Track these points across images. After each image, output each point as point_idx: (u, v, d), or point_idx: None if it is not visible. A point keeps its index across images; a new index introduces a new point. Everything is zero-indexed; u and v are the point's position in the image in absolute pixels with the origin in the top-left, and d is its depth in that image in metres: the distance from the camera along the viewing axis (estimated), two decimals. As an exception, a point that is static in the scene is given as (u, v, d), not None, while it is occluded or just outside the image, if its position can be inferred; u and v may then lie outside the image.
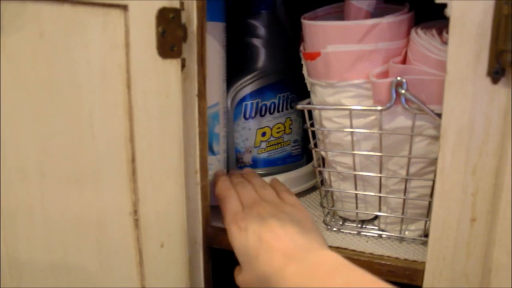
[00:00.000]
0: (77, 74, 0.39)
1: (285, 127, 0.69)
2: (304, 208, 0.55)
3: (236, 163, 0.67)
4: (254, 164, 0.68)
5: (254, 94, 0.65)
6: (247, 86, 0.65)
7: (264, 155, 0.68)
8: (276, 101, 0.67)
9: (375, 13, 0.52)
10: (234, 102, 0.64)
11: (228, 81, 0.64)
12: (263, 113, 0.66)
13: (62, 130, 0.39)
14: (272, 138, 0.68)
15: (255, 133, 0.66)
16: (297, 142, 0.71)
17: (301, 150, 0.72)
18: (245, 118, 0.66)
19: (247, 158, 0.67)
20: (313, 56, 0.52)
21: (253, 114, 0.66)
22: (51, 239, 0.40)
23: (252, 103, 0.65)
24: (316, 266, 0.43)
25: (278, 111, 0.68)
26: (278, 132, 0.68)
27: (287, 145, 0.70)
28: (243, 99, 0.65)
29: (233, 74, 0.65)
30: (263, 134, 0.67)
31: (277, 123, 0.68)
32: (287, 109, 0.68)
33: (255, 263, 0.47)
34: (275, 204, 0.53)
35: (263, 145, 0.68)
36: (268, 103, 0.66)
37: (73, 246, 0.42)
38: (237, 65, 0.65)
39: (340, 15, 0.56)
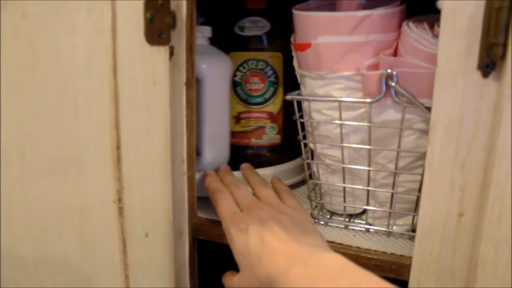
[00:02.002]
0: (62, 57, 0.38)
1: None
2: (304, 210, 0.54)
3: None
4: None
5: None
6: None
7: None
8: None
9: (368, 6, 0.52)
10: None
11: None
12: None
13: (45, 113, 0.38)
14: None
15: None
16: None
17: None
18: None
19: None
20: (304, 47, 0.52)
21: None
22: (31, 225, 0.39)
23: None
24: (321, 268, 0.42)
25: None
26: None
27: None
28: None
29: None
30: None
31: None
32: None
33: (257, 265, 0.46)
34: (275, 206, 0.52)
35: None
36: None
37: (55, 233, 0.41)
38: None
39: (332, 8, 0.55)
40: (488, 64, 0.39)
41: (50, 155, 0.39)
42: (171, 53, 0.48)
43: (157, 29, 0.45)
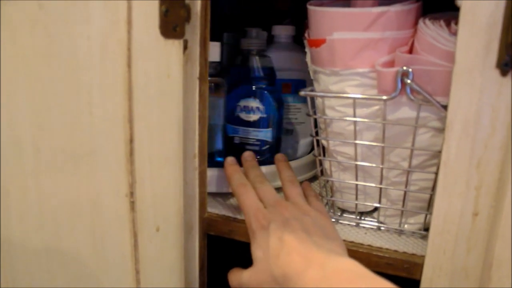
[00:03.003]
0: (77, 49, 0.38)
1: None
2: (329, 215, 0.53)
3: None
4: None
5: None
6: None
7: None
8: None
9: (383, 2, 0.51)
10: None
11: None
12: None
13: (59, 105, 0.38)
14: None
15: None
16: None
17: None
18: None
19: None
20: (318, 43, 0.51)
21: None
22: (44, 217, 0.39)
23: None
24: (338, 272, 0.41)
25: None
26: None
27: None
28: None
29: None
30: None
31: None
32: None
33: (274, 262, 0.45)
34: (299, 206, 0.52)
35: None
36: None
37: (67, 226, 0.41)
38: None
39: (346, 4, 0.55)
40: (507, 63, 0.39)
41: (63, 147, 0.39)
42: (185, 47, 0.48)
43: (172, 22, 0.45)
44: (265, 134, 0.67)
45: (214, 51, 0.63)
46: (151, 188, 0.47)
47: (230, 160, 0.60)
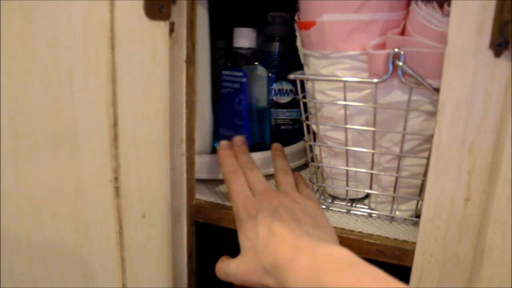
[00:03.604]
0: (57, 28, 0.37)
1: None
2: (318, 203, 0.52)
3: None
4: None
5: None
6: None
7: None
8: None
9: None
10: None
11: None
12: None
13: (38, 86, 0.37)
14: None
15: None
16: None
17: None
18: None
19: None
20: (308, 25, 0.50)
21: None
22: (23, 203, 0.38)
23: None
24: (328, 260, 0.41)
25: None
26: None
27: None
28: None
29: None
30: None
31: None
32: None
33: (263, 251, 0.44)
34: (289, 194, 0.51)
35: None
36: None
37: (48, 213, 0.40)
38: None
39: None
40: (501, 43, 0.38)
41: (43, 131, 0.38)
42: (172, 30, 0.47)
43: (157, 2, 0.44)
44: (297, 113, 0.74)
45: (251, 37, 0.66)
46: (136, 174, 0.46)
47: (223, 144, 0.59)
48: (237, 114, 0.66)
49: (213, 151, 0.65)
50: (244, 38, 0.66)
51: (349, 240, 0.49)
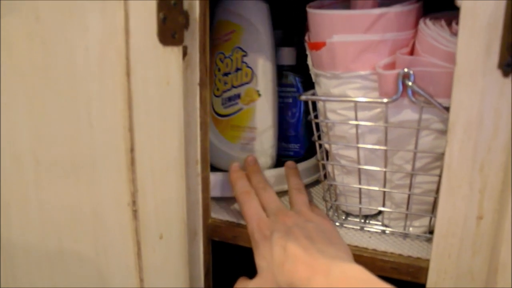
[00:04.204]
0: (75, 60, 0.38)
1: None
2: (331, 220, 0.53)
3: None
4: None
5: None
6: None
7: None
8: None
9: (383, 3, 0.51)
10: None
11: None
12: None
13: (58, 117, 0.38)
14: None
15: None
16: None
17: None
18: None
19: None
20: (318, 46, 0.51)
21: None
22: (46, 228, 0.39)
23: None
24: (343, 279, 0.41)
25: None
26: None
27: None
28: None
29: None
30: None
31: None
32: None
33: (279, 271, 0.45)
34: (303, 213, 0.52)
35: None
36: None
37: (69, 236, 0.41)
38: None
39: (346, 5, 0.54)
40: (509, 63, 0.38)
41: (63, 159, 0.39)
42: (184, 53, 0.48)
43: (170, 29, 0.45)
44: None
45: (293, 55, 0.70)
46: (153, 196, 0.47)
47: (234, 166, 0.60)
48: (290, 126, 0.70)
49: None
50: (289, 56, 0.70)
51: (363, 258, 0.50)
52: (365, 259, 0.50)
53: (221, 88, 0.68)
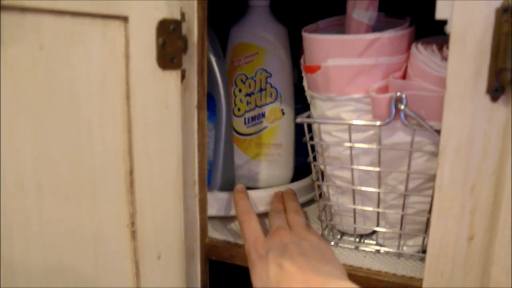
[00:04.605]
0: (77, 86, 0.39)
1: None
2: (326, 240, 0.55)
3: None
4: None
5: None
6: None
7: None
8: None
9: (376, 27, 0.52)
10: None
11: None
12: None
13: (60, 142, 0.39)
14: None
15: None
16: None
17: (208, 176, 0.60)
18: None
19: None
20: (313, 69, 0.52)
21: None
22: (47, 251, 0.40)
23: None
24: None
25: None
26: None
27: None
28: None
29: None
30: None
31: None
32: None
33: None
34: (299, 232, 0.53)
35: None
36: None
37: (70, 258, 0.42)
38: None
39: (342, 28, 0.56)
40: (497, 88, 0.39)
41: (65, 182, 0.40)
42: (183, 77, 0.49)
43: (169, 54, 0.46)
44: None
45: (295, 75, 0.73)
46: (151, 217, 0.47)
47: (239, 187, 0.62)
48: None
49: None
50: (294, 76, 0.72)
51: (357, 277, 0.51)
52: (359, 278, 0.51)
53: (243, 108, 0.70)
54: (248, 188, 0.63)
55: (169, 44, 0.46)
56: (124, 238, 0.46)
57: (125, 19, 0.42)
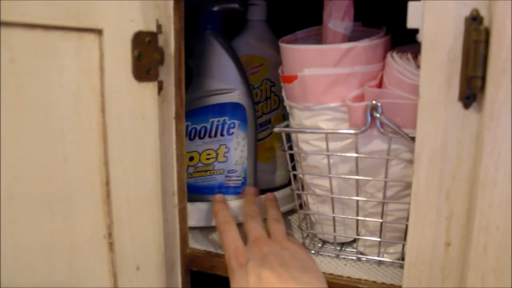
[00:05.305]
0: (49, 98, 0.39)
1: (217, 154, 0.65)
2: (306, 250, 0.55)
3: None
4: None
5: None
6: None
7: (190, 181, 0.65)
8: (208, 126, 0.64)
9: (353, 36, 0.53)
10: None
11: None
12: (192, 136, 0.64)
13: (32, 153, 0.39)
14: (200, 164, 0.65)
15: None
16: (236, 172, 0.66)
17: (244, 182, 0.67)
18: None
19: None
20: (290, 79, 0.52)
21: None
22: (19, 263, 0.40)
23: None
24: None
25: (210, 136, 0.65)
26: (207, 159, 0.65)
27: (219, 174, 0.65)
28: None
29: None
30: (190, 158, 0.65)
31: (207, 149, 0.65)
32: (222, 135, 0.64)
33: None
34: (279, 242, 0.53)
35: (190, 170, 0.65)
36: (198, 127, 0.64)
37: (44, 272, 0.41)
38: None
39: (320, 38, 0.56)
40: (469, 96, 0.40)
41: (38, 194, 0.40)
42: (160, 88, 0.49)
43: (145, 65, 0.46)
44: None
45: None
46: (129, 228, 0.47)
47: (218, 197, 0.61)
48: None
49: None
50: None
51: (337, 286, 0.51)
52: (339, 286, 0.51)
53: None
54: (267, 190, 0.66)
55: (145, 56, 0.46)
56: (102, 249, 0.46)
57: (99, 32, 0.42)
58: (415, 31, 0.42)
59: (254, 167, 0.67)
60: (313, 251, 0.57)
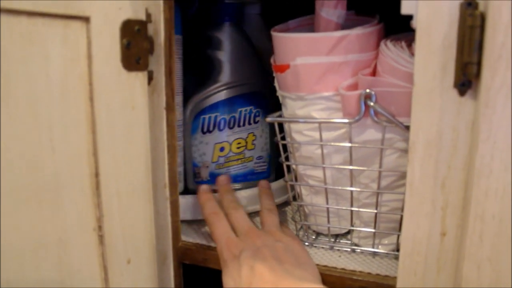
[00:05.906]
0: (35, 86, 0.38)
1: (246, 142, 0.66)
2: (300, 241, 0.54)
3: (193, 178, 0.65)
4: (212, 179, 0.65)
5: (213, 108, 0.63)
6: (206, 99, 0.63)
7: (222, 171, 0.66)
8: (237, 116, 0.65)
9: (346, 25, 0.52)
10: (192, 115, 0.63)
11: (187, 93, 0.63)
12: (221, 127, 0.64)
13: (19, 144, 0.38)
14: (231, 154, 0.66)
15: (213, 148, 0.65)
16: (262, 158, 0.68)
17: (268, 167, 0.69)
18: (203, 132, 0.64)
19: (204, 173, 0.65)
20: (283, 68, 0.52)
21: (211, 128, 0.64)
22: (6, 257, 0.39)
23: (210, 117, 0.63)
24: None
25: (239, 126, 0.65)
26: (238, 148, 0.66)
27: (249, 161, 0.67)
28: (201, 112, 0.63)
29: (193, 87, 0.63)
30: (221, 149, 0.65)
31: (237, 138, 0.66)
32: (249, 123, 0.66)
33: None
34: (272, 234, 0.52)
35: (221, 160, 0.65)
36: (227, 117, 0.64)
37: (32, 264, 0.41)
38: (197, 77, 0.64)
39: (312, 28, 0.55)
40: (464, 83, 0.39)
41: (25, 186, 0.39)
42: (150, 78, 0.48)
43: (135, 55, 0.45)
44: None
45: None
46: (120, 221, 0.46)
47: (203, 187, 0.60)
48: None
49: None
50: None
51: (332, 277, 0.50)
52: (334, 278, 0.50)
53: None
54: None
55: (134, 44, 0.45)
56: (91, 242, 0.45)
57: (86, 19, 0.41)
58: (409, 20, 0.41)
59: (275, 153, 0.68)
60: (307, 243, 0.57)
